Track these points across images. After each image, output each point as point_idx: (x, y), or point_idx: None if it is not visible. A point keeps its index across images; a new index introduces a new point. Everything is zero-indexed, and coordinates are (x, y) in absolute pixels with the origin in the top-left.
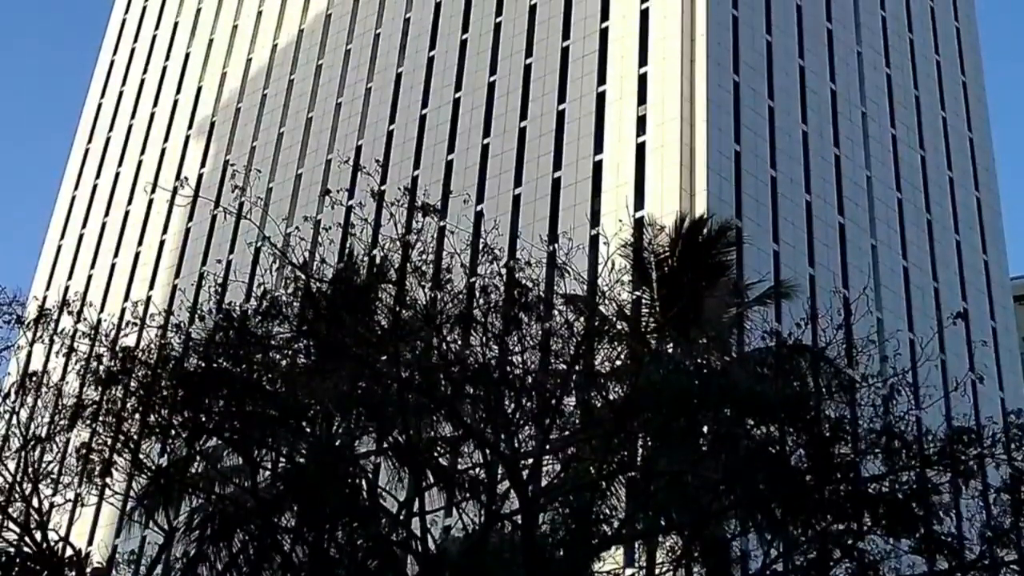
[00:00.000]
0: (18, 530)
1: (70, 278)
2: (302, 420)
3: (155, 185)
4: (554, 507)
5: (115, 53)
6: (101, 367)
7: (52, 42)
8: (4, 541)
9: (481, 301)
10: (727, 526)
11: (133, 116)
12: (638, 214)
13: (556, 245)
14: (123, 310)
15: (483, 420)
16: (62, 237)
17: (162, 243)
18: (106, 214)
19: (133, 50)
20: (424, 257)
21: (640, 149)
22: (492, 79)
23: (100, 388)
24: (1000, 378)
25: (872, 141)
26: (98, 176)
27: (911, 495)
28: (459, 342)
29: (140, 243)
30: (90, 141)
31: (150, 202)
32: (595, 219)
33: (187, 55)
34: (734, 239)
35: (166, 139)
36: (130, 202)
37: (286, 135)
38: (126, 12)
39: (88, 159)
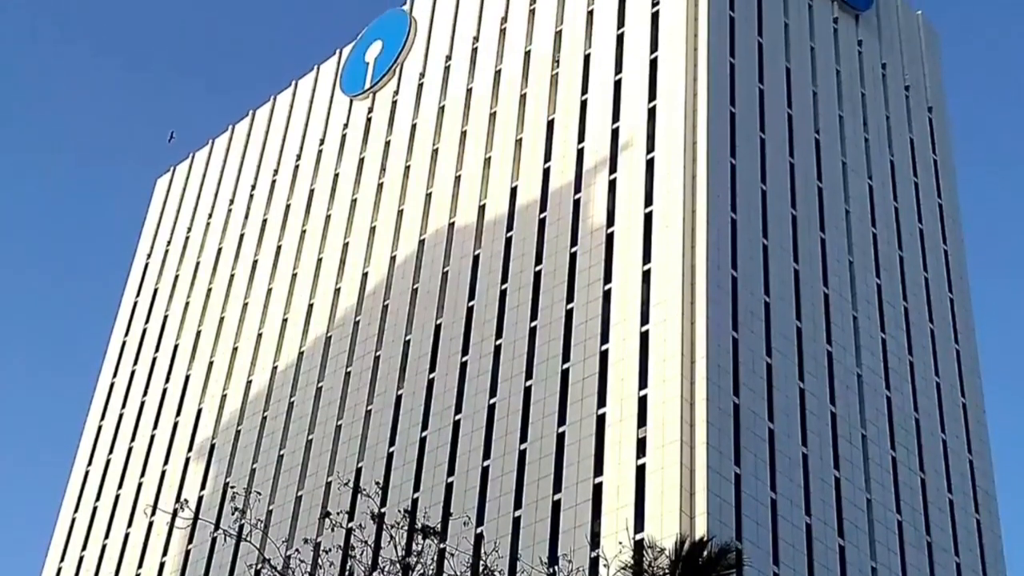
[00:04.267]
0: None
1: None
2: None
3: (155, 507)
4: None
5: (115, 376)
6: None
7: (51, 366)
8: None
9: None
10: None
11: (133, 438)
12: (638, 536)
13: (556, 567)
14: None
15: None
16: (62, 560)
17: (162, 565)
18: (106, 536)
19: (133, 372)
20: None
21: (640, 471)
22: (492, 401)
23: None
24: None
25: (872, 463)
26: (98, 498)
27: None
28: None
29: (140, 565)
30: (90, 463)
31: (150, 524)
32: (595, 541)
33: (187, 377)
34: (734, 561)
35: (166, 461)
36: (130, 524)
37: (286, 457)
38: (126, 335)
39: (88, 481)
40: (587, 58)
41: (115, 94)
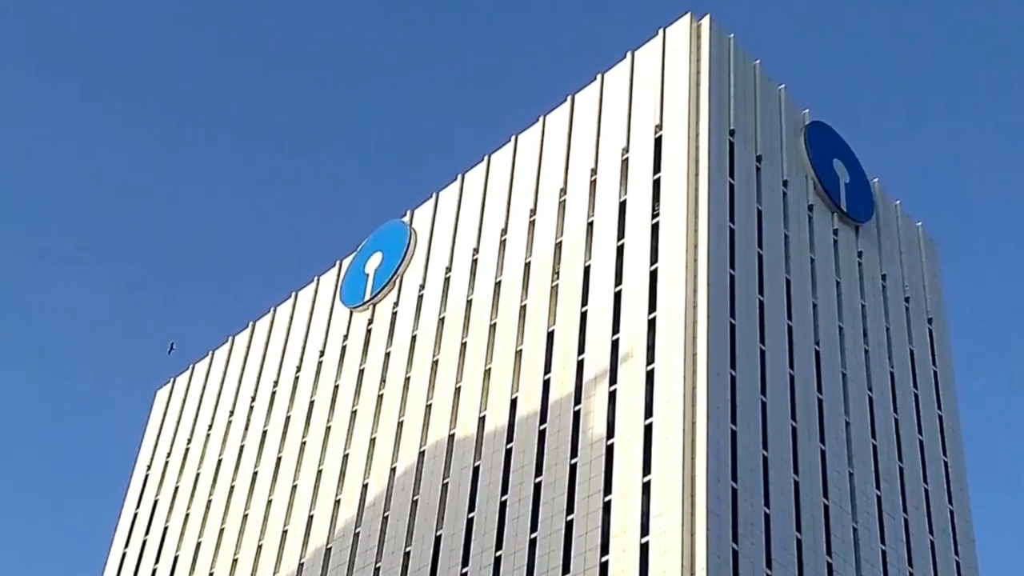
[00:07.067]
0: None
1: None
2: None
3: None
4: None
5: None
6: None
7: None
8: None
9: None
10: None
11: None
12: None
13: None
14: None
15: None
16: None
17: None
18: None
19: None
20: None
21: None
22: None
23: None
24: None
25: None
26: None
27: None
28: None
29: None
30: None
31: None
32: None
33: None
34: None
35: None
36: None
37: None
38: (126, 546)
39: None
40: (587, 269)
41: (115, 306)
